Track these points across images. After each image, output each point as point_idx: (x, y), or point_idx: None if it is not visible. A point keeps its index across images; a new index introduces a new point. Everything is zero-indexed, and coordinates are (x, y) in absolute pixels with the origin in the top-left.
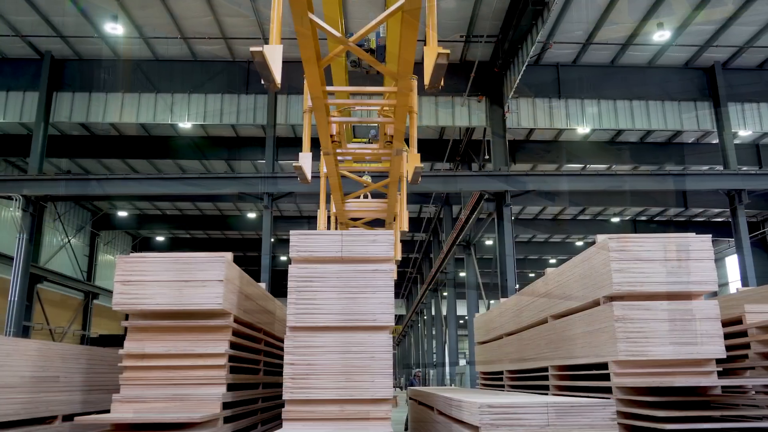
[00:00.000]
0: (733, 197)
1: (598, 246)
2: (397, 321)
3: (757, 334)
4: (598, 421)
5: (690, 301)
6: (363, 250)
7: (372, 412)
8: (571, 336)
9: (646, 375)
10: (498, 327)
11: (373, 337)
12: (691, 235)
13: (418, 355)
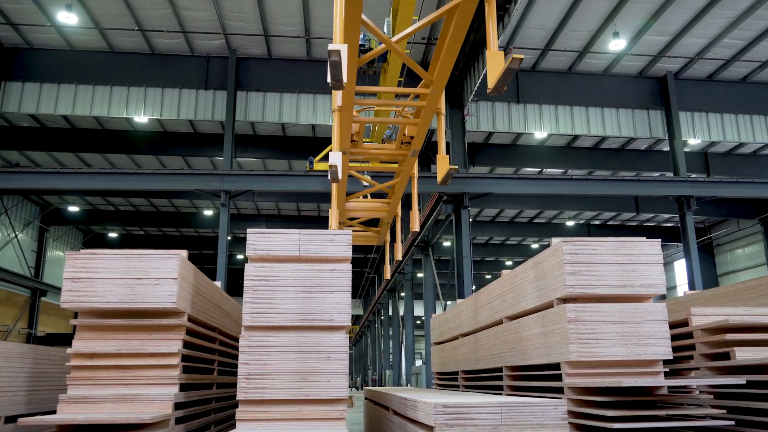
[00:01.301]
0: (682, 203)
1: (552, 249)
2: (355, 321)
3: (701, 336)
4: (550, 420)
5: (639, 303)
6: (321, 250)
7: (327, 413)
8: (525, 337)
9: (596, 375)
10: (454, 328)
11: (329, 337)
12: (641, 239)
13: (375, 356)
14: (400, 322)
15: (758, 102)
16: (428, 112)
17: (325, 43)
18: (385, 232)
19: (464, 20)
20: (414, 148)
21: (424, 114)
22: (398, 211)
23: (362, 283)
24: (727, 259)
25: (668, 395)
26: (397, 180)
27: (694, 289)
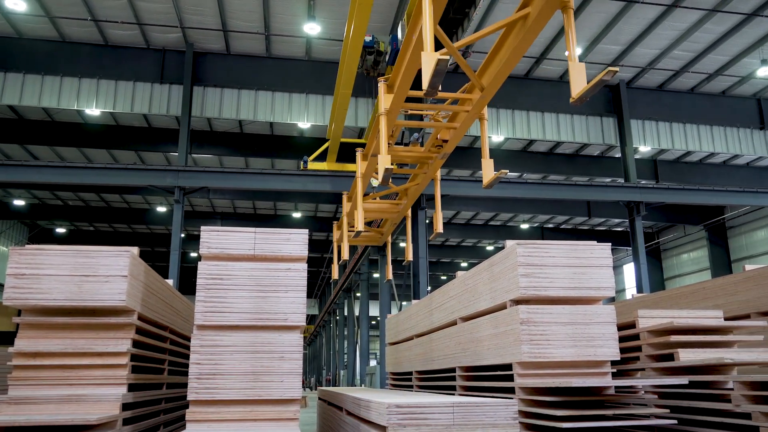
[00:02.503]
0: (632, 209)
1: (506, 251)
2: (310, 321)
3: (648, 337)
4: (501, 420)
5: (589, 305)
6: (277, 249)
7: (280, 413)
8: (479, 338)
9: (546, 376)
10: (409, 328)
11: (283, 336)
12: (592, 243)
13: (330, 356)
14: (355, 322)
15: (704, 112)
16: (471, 118)
17: (285, 40)
18: (388, 233)
19: (533, 32)
20: (446, 151)
21: (467, 119)
22: (408, 212)
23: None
24: (673, 263)
25: (615, 395)
26: (417, 182)
27: (642, 292)
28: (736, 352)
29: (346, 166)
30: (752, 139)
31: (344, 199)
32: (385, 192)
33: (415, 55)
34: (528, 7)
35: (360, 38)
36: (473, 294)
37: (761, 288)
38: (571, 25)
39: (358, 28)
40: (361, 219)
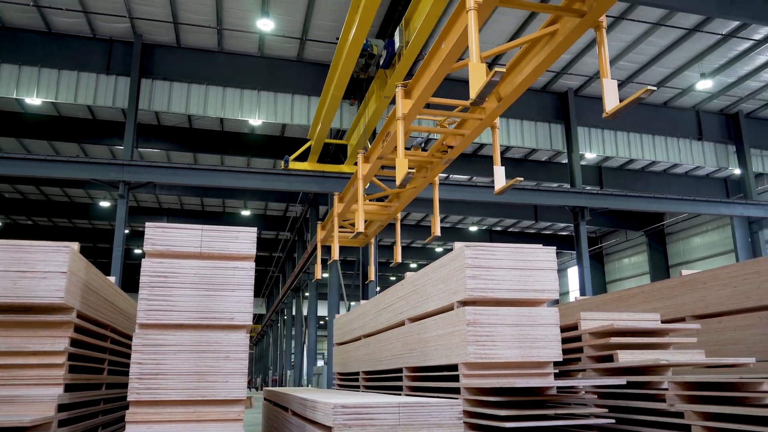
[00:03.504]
0: (577, 214)
1: (455, 253)
2: (257, 320)
3: (589, 339)
4: (446, 420)
5: (534, 307)
6: (224, 247)
7: (224, 414)
8: (426, 339)
9: (491, 376)
10: (357, 328)
11: (229, 336)
12: (538, 246)
13: (276, 356)
14: (303, 322)
15: (647, 122)
16: (483, 126)
17: (237, 35)
18: (372, 235)
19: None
20: (450, 157)
21: (479, 127)
22: (398, 215)
23: (266, 282)
24: (615, 267)
25: (557, 395)
26: (414, 186)
27: (585, 294)
28: (671, 354)
29: (326, 166)
30: (691, 149)
31: (335, 200)
32: (377, 195)
33: (446, 64)
34: (556, 24)
35: (361, 41)
36: (421, 295)
37: (696, 292)
38: (603, 43)
39: (360, 30)
40: (362, 220)
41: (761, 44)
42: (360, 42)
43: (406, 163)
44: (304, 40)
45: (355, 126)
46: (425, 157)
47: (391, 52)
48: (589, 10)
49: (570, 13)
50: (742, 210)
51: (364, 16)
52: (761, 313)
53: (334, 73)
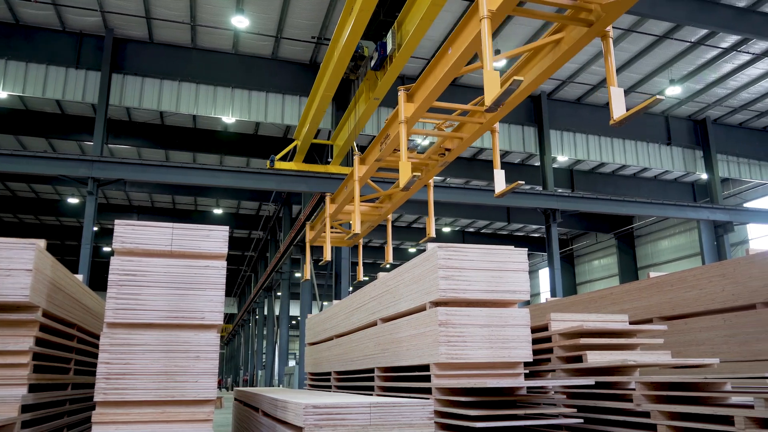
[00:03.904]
0: (549, 216)
1: (428, 253)
2: (228, 320)
3: (559, 340)
4: (417, 420)
5: (505, 308)
6: (195, 245)
7: (193, 414)
8: (398, 339)
9: (462, 377)
10: (329, 328)
11: (199, 335)
12: (510, 248)
13: (248, 355)
14: (275, 322)
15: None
16: (483, 130)
17: (211, 32)
18: (361, 236)
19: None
20: (447, 160)
21: (479, 131)
22: (389, 216)
23: (238, 281)
24: (585, 269)
25: (527, 395)
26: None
27: (555, 296)
28: (639, 355)
29: (313, 166)
30: (660, 154)
31: (327, 201)
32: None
33: (453, 70)
34: (561, 32)
35: (354, 43)
36: (394, 295)
37: (663, 294)
38: (610, 52)
39: (353, 33)
40: (358, 221)
41: (728, 52)
42: (353, 44)
43: (410, 166)
44: (279, 38)
45: (341, 127)
46: (422, 160)
47: (383, 55)
48: (597, 20)
49: (578, 23)
50: (708, 214)
51: (359, 19)
52: (725, 315)
53: (324, 74)
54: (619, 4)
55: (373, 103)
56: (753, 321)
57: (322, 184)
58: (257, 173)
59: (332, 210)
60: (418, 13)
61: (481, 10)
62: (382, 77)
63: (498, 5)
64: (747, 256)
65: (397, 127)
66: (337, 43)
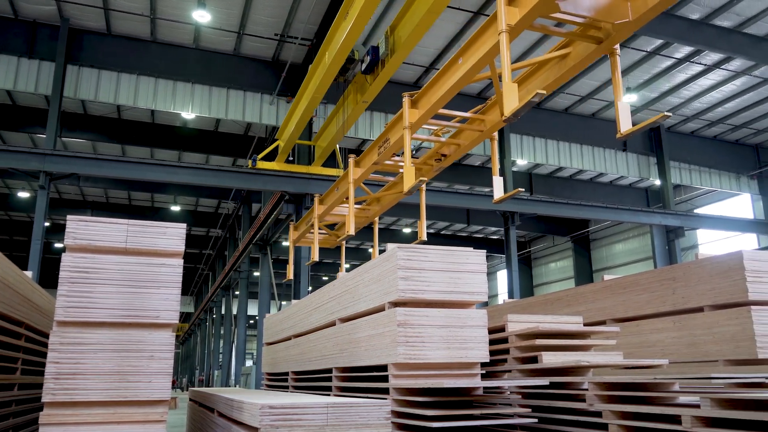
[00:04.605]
0: (507, 218)
1: (387, 254)
2: (185, 319)
3: (515, 341)
4: (374, 420)
5: (463, 309)
6: (151, 243)
7: (146, 415)
8: (357, 339)
9: (420, 377)
10: (287, 328)
11: (153, 335)
12: (469, 249)
13: (204, 355)
14: (232, 321)
15: (576, 132)
16: (482, 137)
17: (172, 26)
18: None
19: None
20: (443, 165)
21: (477, 139)
22: (376, 219)
23: (195, 280)
24: (542, 271)
25: (483, 395)
26: (399, 191)
27: (513, 297)
28: (592, 355)
29: (295, 167)
30: (616, 160)
31: (316, 201)
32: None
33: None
34: (568, 47)
35: (349, 47)
36: (353, 295)
37: (616, 296)
38: (617, 68)
39: (349, 38)
40: (353, 223)
41: (682, 63)
42: (348, 48)
43: (413, 171)
44: (242, 35)
45: (325, 128)
46: (417, 164)
47: (375, 59)
48: (606, 38)
49: (587, 40)
50: (661, 219)
51: (356, 24)
52: (675, 317)
53: (313, 76)
54: (631, 24)
55: (361, 106)
56: (701, 323)
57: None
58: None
59: (321, 211)
60: (413, 19)
61: (500, 24)
62: (372, 81)
63: (517, 20)
64: (696, 261)
65: (398, 132)
66: (329, 45)
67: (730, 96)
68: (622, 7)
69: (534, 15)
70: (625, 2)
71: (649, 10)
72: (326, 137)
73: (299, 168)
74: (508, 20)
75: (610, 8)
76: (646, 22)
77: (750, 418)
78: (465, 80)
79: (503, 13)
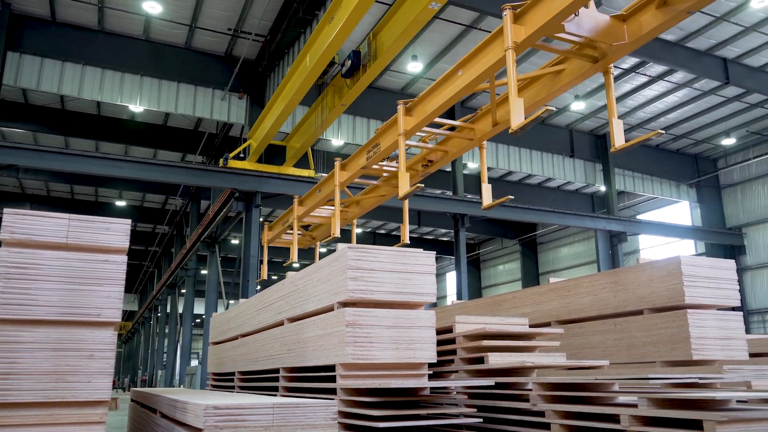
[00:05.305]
0: (458, 220)
1: (337, 254)
2: (128, 317)
3: (463, 341)
4: (320, 420)
5: (412, 310)
6: (93, 238)
7: (85, 416)
8: (305, 339)
9: (368, 377)
10: (234, 327)
11: (94, 333)
12: (419, 250)
13: (147, 355)
14: (178, 320)
15: (526, 137)
16: (470, 146)
17: (121, 15)
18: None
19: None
20: (429, 171)
21: (466, 147)
22: (354, 221)
23: (140, 277)
24: (490, 273)
25: (430, 396)
26: (381, 194)
27: (461, 298)
28: (536, 356)
29: (265, 166)
30: (563, 165)
31: (295, 203)
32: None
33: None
34: (563, 64)
35: (333, 52)
36: (302, 295)
37: (561, 299)
38: (611, 86)
39: (333, 44)
40: (338, 225)
41: (627, 73)
42: (332, 53)
43: (408, 177)
44: (194, 28)
45: (297, 128)
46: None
47: (356, 63)
48: (602, 57)
49: (583, 58)
50: (605, 224)
51: (342, 30)
52: (617, 319)
53: (292, 78)
54: (627, 46)
55: (339, 109)
56: (641, 326)
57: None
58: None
59: (301, 212)
60: (397, 28)
61: (506, 41)
62: (352, 85)
63: (523, 39)
64: (637, 265)
65: (389, 138)
66: (311, 48)
67: (672, 107)
68: (620, 29)
69: (540, 34)
70: (622, 25)
71: (644, 34)
72: (299, 138)
73: (270, 168)
74: (514, 38)
75: (608, 30)
76: (640, 45)
77: (684, 416)
78: (464, 92)
79: (509, 30)
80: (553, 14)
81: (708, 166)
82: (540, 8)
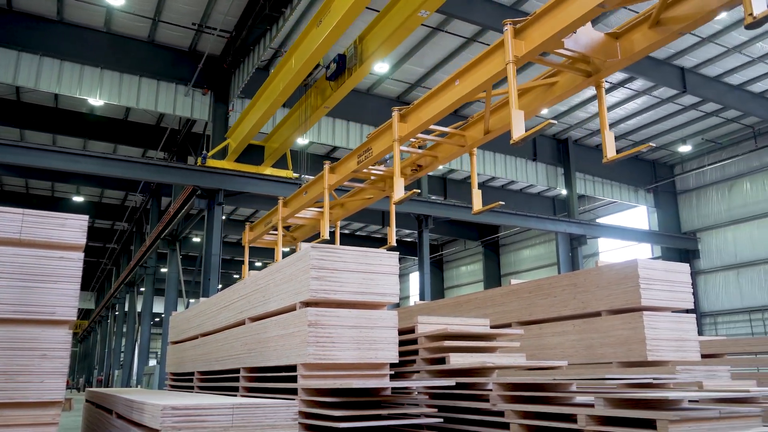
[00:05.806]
0: (422, 221)
1: (300, 253)
2: (84, 315)
3: (425, 342)
4: (281, 421)
5: (374, 310)
6: (48, 234)
7: (37, 417)
8: (266, 339)
9: (329, 377)
10: (194, 327)
11: (48, 332)
12: (382, 251)
13: (104, 354)
14: (136, 319)
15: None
16: (461, 153)
17: (81, 6)
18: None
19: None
20: (418, 175)
21: (456, 153)
22: (338, 223)
23: (97, 275)
24: (453, 274)
25: (392, 396)
26: (368, 197)
27: (424, 299)
28: (497, 357)
29: (244, 166)
30: (526, 169)
31: (280, 204)
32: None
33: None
34: (556, 77)
35: (320, 55)
36: (264, 294)
37: (521, 300)
38: (603, 100)
39: (321, 48)
40: (327, 227)
41: None
42: (319, 57)
43: (402, 183)
44: (157, 21)
45: (277, 129)
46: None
47: (342, 67)
48: (595, 72)
49: (576, 72)
50: (566, 227)
51: (331, 34)
52: (575, 321)
53: (281, 79)
54: (620, 62)
55: (322, 111)
56: (598, 327)
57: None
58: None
59: (285, 213)
60: (382, 35)
61: (507, 55)
62: (336, 88)
63: (524, 53)
64: (595, 268)
65: (382, 143)
66: (297, 50)
67: (631, 113)
68: (613, 46)
69: (540, 49)
70: (615, 43)
71: (636, 52)
72: (278, 139)
73: (248, 168)
74: (515, 52)
75: (602, 47)
76: (632, 62)
77: (639, 416)
78: (461, 101)
79: (510, 45)
80: (555, 31)
81: (665, 172)
82: (541, 25)
